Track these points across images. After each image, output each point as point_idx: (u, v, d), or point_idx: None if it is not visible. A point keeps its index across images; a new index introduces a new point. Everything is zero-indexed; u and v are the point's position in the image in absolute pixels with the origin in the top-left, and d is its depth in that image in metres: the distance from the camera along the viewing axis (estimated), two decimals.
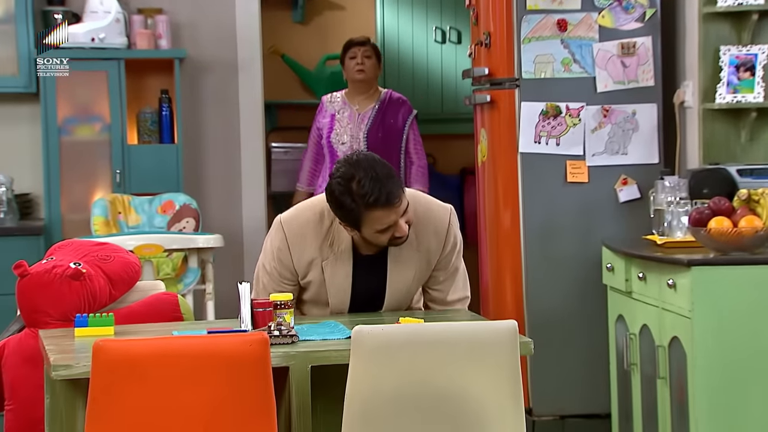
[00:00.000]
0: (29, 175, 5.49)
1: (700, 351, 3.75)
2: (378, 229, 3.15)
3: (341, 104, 5.53)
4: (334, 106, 5.53)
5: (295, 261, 3.29)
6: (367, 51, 5.58)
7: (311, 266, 3.28)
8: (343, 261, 3.28)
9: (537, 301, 4.66)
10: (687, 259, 3.78)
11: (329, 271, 3.28)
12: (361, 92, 5.54)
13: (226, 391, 2.67)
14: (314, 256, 3.27)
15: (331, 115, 5.50)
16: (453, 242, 3.35)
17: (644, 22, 4.69)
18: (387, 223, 3.14)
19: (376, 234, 3.17)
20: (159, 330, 3.17)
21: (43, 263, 3.42)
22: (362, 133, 5.44)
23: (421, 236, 3.30)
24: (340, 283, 3.30)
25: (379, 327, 2.73)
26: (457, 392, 2.73)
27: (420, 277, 3.37)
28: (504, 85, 4.73)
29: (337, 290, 3.31)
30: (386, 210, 3.12)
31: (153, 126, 5.49)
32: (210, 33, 5.68)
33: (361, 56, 5.55)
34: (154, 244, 4.87)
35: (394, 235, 3.17)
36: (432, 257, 3.33)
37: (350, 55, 5.58)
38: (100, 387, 2.63)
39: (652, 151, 4.70)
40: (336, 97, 5.57)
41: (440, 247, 3.33)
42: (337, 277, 3.29)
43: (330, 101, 5.56)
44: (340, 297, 3.32)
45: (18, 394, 3.33)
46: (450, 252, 3.36)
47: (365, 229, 3.17)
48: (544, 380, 4.65)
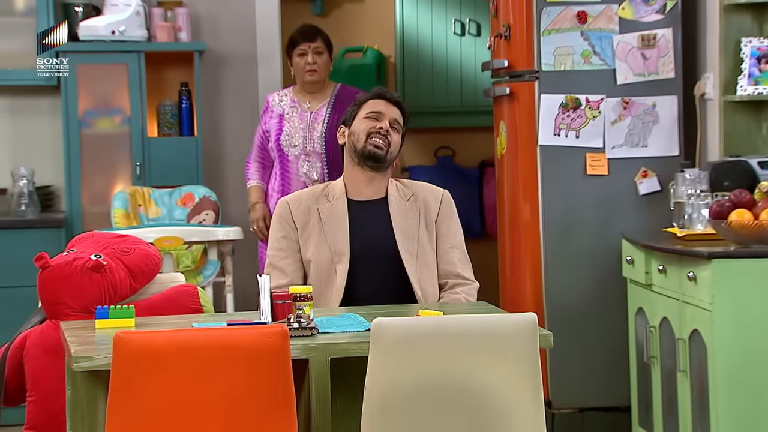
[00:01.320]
0: (50, 167, 5.52)
1: (720, 344, 3.73)
2: (367, 112, 3.57)
3: (290, 103, 4.96)
4: (282, 105, 4.96)
5: (293, 212, 3.56)
6: (318, 47, 4.90)
7: (309, 214, 3.55)
8: (337, 204, 3.56)
9: (556, 293, 4.66)
10: (707, 251, 3.77)
11: (325, 211, 3.55)
12: (312, 90, 4.97)
13: (245, 383, 2.68)
14: (310, 204, 3.57)
15: (279, 116, 4.94)
16: (449, 204, 3.61)
17: (665, 13, 4.67)
18: (376, 109, 3.57)
19: (364, 120, 3.57)
20: (179, 322, 3.18)
21: (64, 255, 3.43)
22: (317, 133, 4.87)
23: (418, 192, 3.61)
24: (337, 219, 3.52)
25: (399, 319, 2.74)
26: (476, 385, 2.73)
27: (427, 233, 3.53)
28: (523, 77, 4.72)
29: (335, 227, 3.51)
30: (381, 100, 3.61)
31: (173, 119, 5.50)
32: (230, 26, 5.68)
33: (312, 54, 4.88)
34: (174, 237, 4.88)
35: (376, 127, 3.54)
36: (431, 213, 3.57)
37: (298, 52, 4.92)
38: (121, 378, 2.64)
39: (673, 143, 4.68)
40: (283, 95, 5.01)
41: (437, 204, 3.59)
42: (333, 215, 3.53)
43: (277, 101, 5.00)
44: (339, 235, 3.50)
45: (40, 385, 3.35)
46: (448, 214, 3.59)
47: (358, 117, 3.59)
48: (563, 373, 4.65)
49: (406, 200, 3.57)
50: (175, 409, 2.66)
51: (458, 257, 3.59)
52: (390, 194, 3.58)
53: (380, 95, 3.65)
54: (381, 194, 3.58)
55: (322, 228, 3.53)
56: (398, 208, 3.55)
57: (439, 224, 3.57)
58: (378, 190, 3.58)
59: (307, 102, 4.94)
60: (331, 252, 3.50)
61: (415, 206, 3.57)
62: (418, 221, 3.55)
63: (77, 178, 5.31)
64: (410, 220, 3.55)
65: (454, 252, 3.58)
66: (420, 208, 3.57)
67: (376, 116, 3.59)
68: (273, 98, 5.02)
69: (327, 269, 3.51)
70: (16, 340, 3.41)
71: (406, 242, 3.52)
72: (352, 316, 3.17)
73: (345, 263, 3.50)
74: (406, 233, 3.53)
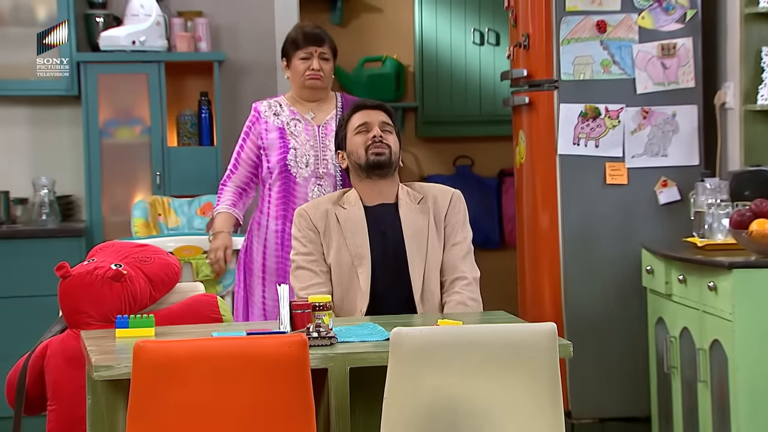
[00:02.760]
0: (71, 177, 5.54)
1: (741, 354, 3.72)
2: (355, 128, 3.60)
3: (289, 114, 4.20)
4: (279, 118, 4.20)
5: (312, 217, 3.58)
6: (325, 53, 4.21)
7: (327, 218, 3.56)
8: (354, 208, 3.57)
9: (576, 303, 4.65)
10: (728, 261, 3.75)
11: (343, 215, 3.56)
12: (311, 98, 4.24)
13: (265, 392, 2.68)
14: (328, 208, 3.59)
15: (279, 129, 4.17)
16: (458, 203, 3.62)
17: (685, 23, 4.66)
18: (361, 121, 3.60)
19: (356, 136, 3.59)
20: (199, 331, 3.19)
21: (84, 265, 3.45)
22: (330, 153, 4.14)
23: (428, 194, 3.62)
24: (355, 223, 3.54)
25: (418, 329, 2.73)
26: (495, 395, 2.73)
27: (437, 232, 3.54)
28: (543, 86, 4.71)
29: (353, 231, 3.54)
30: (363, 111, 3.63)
31: (192, 128, 5.52)
32: (249, 36, 5.70)
33: (318, 59, 4.19)
34: (194, 246, 4.89)
35: (370, 137, 3.56)
36: (440, 212, 3.59)
37: (301, 56, 4.19)
38: (141, 388, 2.65)
39: (693, 152, 4.67)
40: (276, 105, 4.25)
41: (447, 202, 3.60)
42: (351, 219, 3.55)
43: (270, 112, 4.23)
44: (359, 238, 3.53)
45: (60, 394, 3.36)
46: (456, 211, 3.60)
47: (349, 137, 3.61)
48: (583, 383, 4.63)
49: (416, 203, 3.60)
50: (194, 418, 2.66)
51: (462, 254, 3.59)
52: (400, 198, 3.60)
53: (358, 106, 3.68)
54: (392, 199, 3.61)
55: (341, 232, 3.55)
56: (408, 211, 3.58)
57: (447, 221, 3.60)
58: (388, 196, 3.61)
59: (309, 113, 4.22)
60: (351, 255, 3.52)
61: (425, 207, 3.60)
62: (427, 221, 3.58)
63: (97, 188, 5.33)
64: (420, 221, 3.57)
65: (457, 249, 3.59)
66: (430, 208, 3.60)
67: (365, 127, 3.61)
68: (263, 107, 4.25)
69: (348, 273, 3.52)
70: (37, 349, 3.43)
71: (414, 245, 3.54)
72: (371, 325, 3.17)
73: (367, 266, 3.52)
74: (416, 236, 3.55)
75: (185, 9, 5.61)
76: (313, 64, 4.18)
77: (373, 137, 3.59)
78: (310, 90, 4.21)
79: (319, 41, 4.20)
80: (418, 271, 3.52)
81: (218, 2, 5.66)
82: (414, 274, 3.52)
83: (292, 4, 5.73)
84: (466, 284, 3.54)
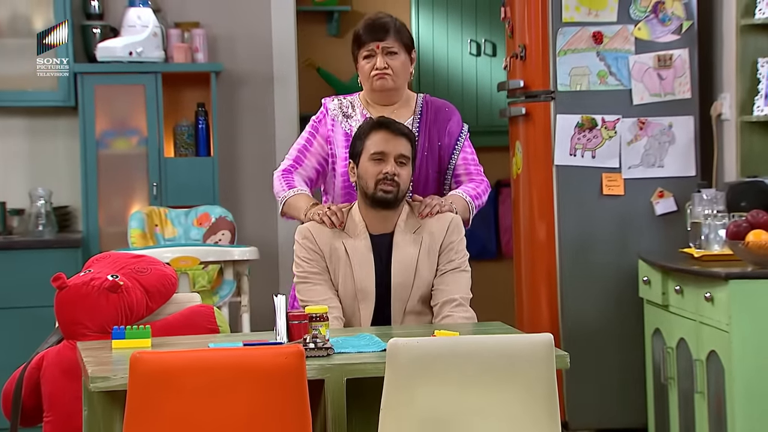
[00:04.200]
0: (67, 188, 5.54)
1: (738, 365, 3.72)
2: (371, 153, 3.41)
3: (360, 119, 3.66)
4: (349, 121, 3.68)
5: (318, 240, 3.47)
6: (390, 46, 3.62)
7: (333, 245, 3.45)
8: (360, 237, 3.46)
9: (573, 314, 4.65)
10: (724, 272, 3.76)
11: (350, 245, 3.45)
12: (384, 101, 3.69)
13: (261, 403, 2.68)
14: (334, 234, 3.47)
15: (346, 136, 3.64)
16: (455, 231, 3.50)
17: (681, 34, 4.67)
18: (379, 148, 3.41)
19: (370, 162, 3.42)
20: (195, 342, 3.18)
21: (81, 275, 3.44)
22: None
23: (424, 223, 3.49)
24: (362, 255, 3.44)
25: (415, 340, 2.73)
26: (492, 405, 2.72)
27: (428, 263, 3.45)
28: (539, 97, 4.72)
29: (360, 263, 3.44)
30: (385, 133, 3.42)
31: (189, 139, 5.52)
32: (246, 46, 5.71)
33: (382, 55, 3.63)
34: (190, 257, 4.89)
35: (382, 172, 3.40)
36: (435, 242, 3.48)
37: (365, 53, 3.65)
38: (138, 399, 2.65)
39: (689, 163, 4.67)
40: (348, 104, 3.72)
41: (443, 232, 3.48)
42: (359, 251, 3.45)
43: (340, 111, 3.70)
44: (365, 271, 3.43)
45: (56, 405, 3.35)
46: (453, 240, 3.49)
47: (363, 157, 3.43)
48: (580, 394, 4.63)
49: (412, 232, 3.48)
50: (191, 429, 2.66)
51: (453, 278, 3.48)
52: (397, 227, 3.48)
53: (382, 124, 3.45)
54: (391, 228, 3.50)
55: (348, 262, 3.45)
56: (401, 241, 3.47)
57: (443, 248, 3.49)
58: (389, 225, 3.50)
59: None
60: (356, 289, 3.45)
61: (418, 238, 3.47)
62: (418, 252, 3.46)
63: (94, 199, 5.33)
64: (410, 252, 3.46)
65: (449, 274, 3.48)
66: (424, 238, 3.47)
67: (381, 157, 3.41)
68: (333, 105, 3.71)
69: (351, 304, 3.46)
70: (33, 361, 3.42)
71: (400, 278, 3.45)
72: (368, 336, 3.17)
73: (370, 302, 3.45)
74: (403, 269, 3.45)
75: (182, 20, 5.61)
76: (377, 62, 3.61)
77: (385, 173, 3.41)
78: (380, 93, 3.65)
79: (381, 33, 3.61)
80: (400, 304, 3.46)
81: (215, 13, 5.67)
82: (395, 308, 3.46)
83: (289, 15, 5.74)
84: (455, 305, 3.45)
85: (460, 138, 3.73)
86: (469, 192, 3.68)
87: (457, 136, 3.72)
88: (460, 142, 3.73)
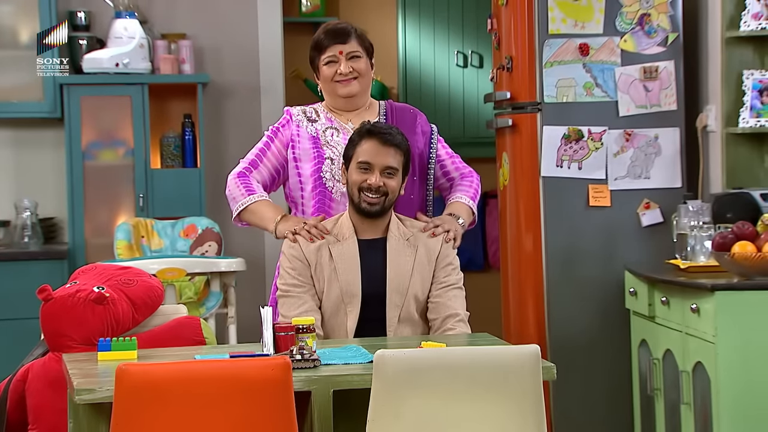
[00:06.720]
0: (53, 199, 5.53)
1: (724, 376, 3.72)
2: (359, 161, 3.39)
3: (325, 122, 3.61)
4: (314, 125, 3.60)
5: (304, 249, 3.46)
6: (353, 51, 3.55)
7: (320, 251, 3.44)
8: (348, 243, 3.45)
9: (559, 325, 4.65)
10: (710, 283, 3.77)
11: (336, 251, 3.45)
12: (349, 107, 3.62)
13: (248, 415, 2.67)
14: (321, 242, 3.46)
15: (312, 138, 3.58)
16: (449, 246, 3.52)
17: (667, 46, 4.69)
18: (366, 158, 3.39)
19: (357, 169, 3.40)
20: (181, 354, 3.17)
21: (66, 287, 3.43)
22: None
23: (417, 234, 3.51)
24: (349, 260, 3.44)
25: (401, 351, 2.73)
26: (479, 417, 2.72)
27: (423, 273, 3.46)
28: (526, 109, 4.73)
29: (347, 267, 3.43)
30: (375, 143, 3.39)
31: (176, 150, 5.52)
32: (233, 58, 5.71)
33: (346, 60, 3.55)
34: (177, 268, 4.88)
35: (366, 182, 3.38)
36: (431, 254, 3.48)
37: (326, 59, 3.55)
38: (123, 411, 2.64)
39: (675, 175, 4.69)
40: (311, 111, 3.64)
41: (438, 243, 3.49)
42: (345, 255, 3.44)
43: (304, 116, 3.62)
44: (351, 276, 3.43)
45: (42, 418, 3.34)
46: (447, 254, 3.50)
47: (353, 163, 3.42)
48: (566, 405, 4.63)
49: (405, 239, 3.49)
50: None
51: (454, 294, 3.51)
52: (391, 231, 3.49)
53: (374, 134, 3.40)
54: (382, 233, 3.50)
55: (334, 267, 3.45)
56: (395, 247, 3.48)
57: (438, 263, 3.50)
58: (378, 230, 3.50)
59: (348, 123, 3.60)
60: (342, 293, 3.45)
61: (413, 246, 3.48)
62: (413, 260, 3.47)
63: (80, 210, 5.32)
64: (405, 258, 3.47)
65: (450, 289, 3.50)
66: (416, 247, 3.48)
67: (367, 167, 3.39)
68: (296, 111, 3.64)
69: (335, 308, 3.47)
70: (18, 373, 3.41)
71: (396, 283, 3.46)
72: (354, 347, 3.16)
73: (356, 306, 3.44)
74: (399, 275, 3.46)
75: (169, 31, 5.62)
76: (340, 68, 3.53)
77: (369, 184, 3.39)
78: (345, 99, 3.58)
79: (344, 37, 3.53)
80: (395, 310, 3.46)
81: (202, 24, 5.68)
82: (390, 316, 3.46)
83: (275, 27, 5.74)
84: (458, 320, 3.47)
85: (433, 136, 3.68)
86: (468, 194, 3.78)
87: (430, 135, 3.68)
88: (434, 141, 3.68)
